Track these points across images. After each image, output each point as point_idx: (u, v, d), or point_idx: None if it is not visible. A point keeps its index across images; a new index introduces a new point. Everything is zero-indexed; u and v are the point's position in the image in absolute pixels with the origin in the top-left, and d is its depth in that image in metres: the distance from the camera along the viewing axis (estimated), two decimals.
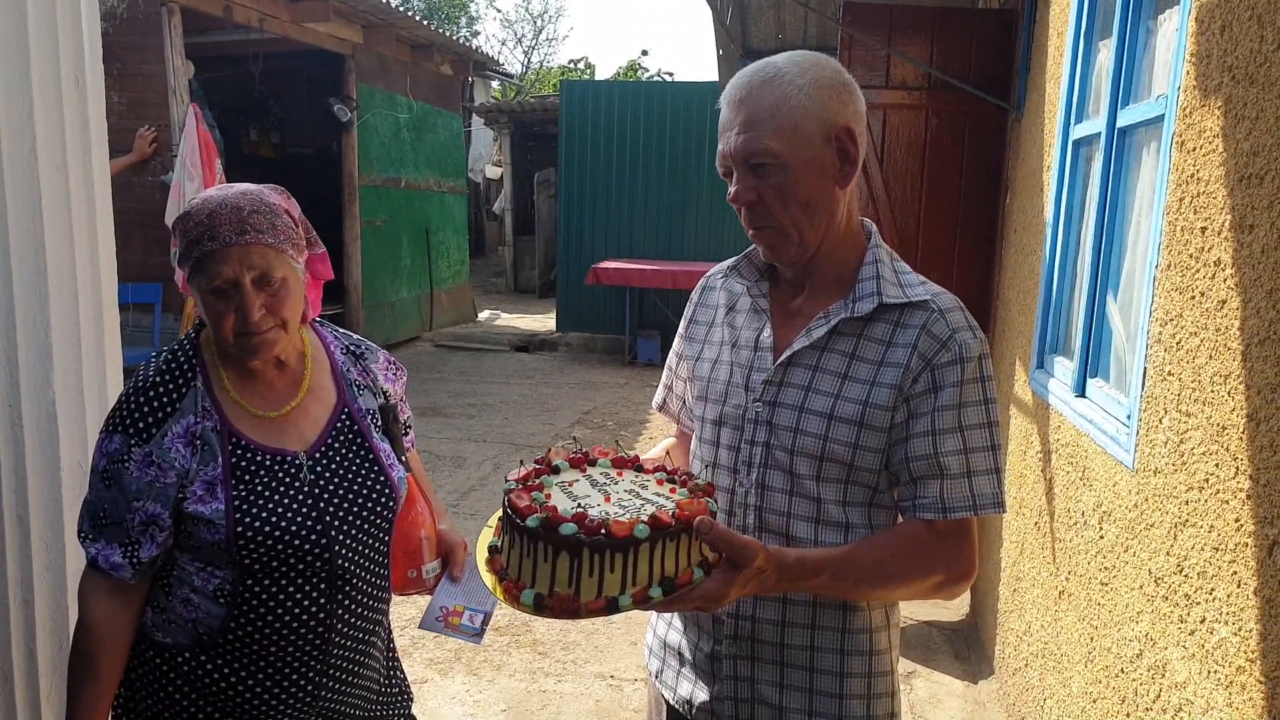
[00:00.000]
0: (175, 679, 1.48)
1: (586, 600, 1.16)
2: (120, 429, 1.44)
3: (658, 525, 1.17)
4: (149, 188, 6.39)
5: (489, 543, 1.34)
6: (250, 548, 1.43)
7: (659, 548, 1.17)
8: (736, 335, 1.47)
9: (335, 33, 8.49)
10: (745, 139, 1.30)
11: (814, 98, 1.30)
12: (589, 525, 1.18)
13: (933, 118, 4.00)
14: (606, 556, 1.15)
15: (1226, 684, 1.48)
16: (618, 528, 1.16)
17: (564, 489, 1.31)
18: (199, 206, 1.43)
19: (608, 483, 1.34)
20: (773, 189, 1.31)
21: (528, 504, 1.24)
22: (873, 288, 1.35)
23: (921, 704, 3.34)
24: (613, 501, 1.27)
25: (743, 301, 1.49)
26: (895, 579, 1.31)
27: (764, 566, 1.19)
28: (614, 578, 1.16)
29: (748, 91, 1.32)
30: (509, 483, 1.31)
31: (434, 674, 3.49)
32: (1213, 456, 1.59)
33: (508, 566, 1.24)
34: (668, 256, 10.22)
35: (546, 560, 1.18)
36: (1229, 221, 1.60)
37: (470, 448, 6.52)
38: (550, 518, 1.19)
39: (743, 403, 1.41)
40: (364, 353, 1.69)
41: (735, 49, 6.58)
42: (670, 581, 1.18)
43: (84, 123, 1.93)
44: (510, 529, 1.24)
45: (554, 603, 1.17)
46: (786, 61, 1.33)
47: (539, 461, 1.39)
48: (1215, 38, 1.71)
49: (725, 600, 1.19)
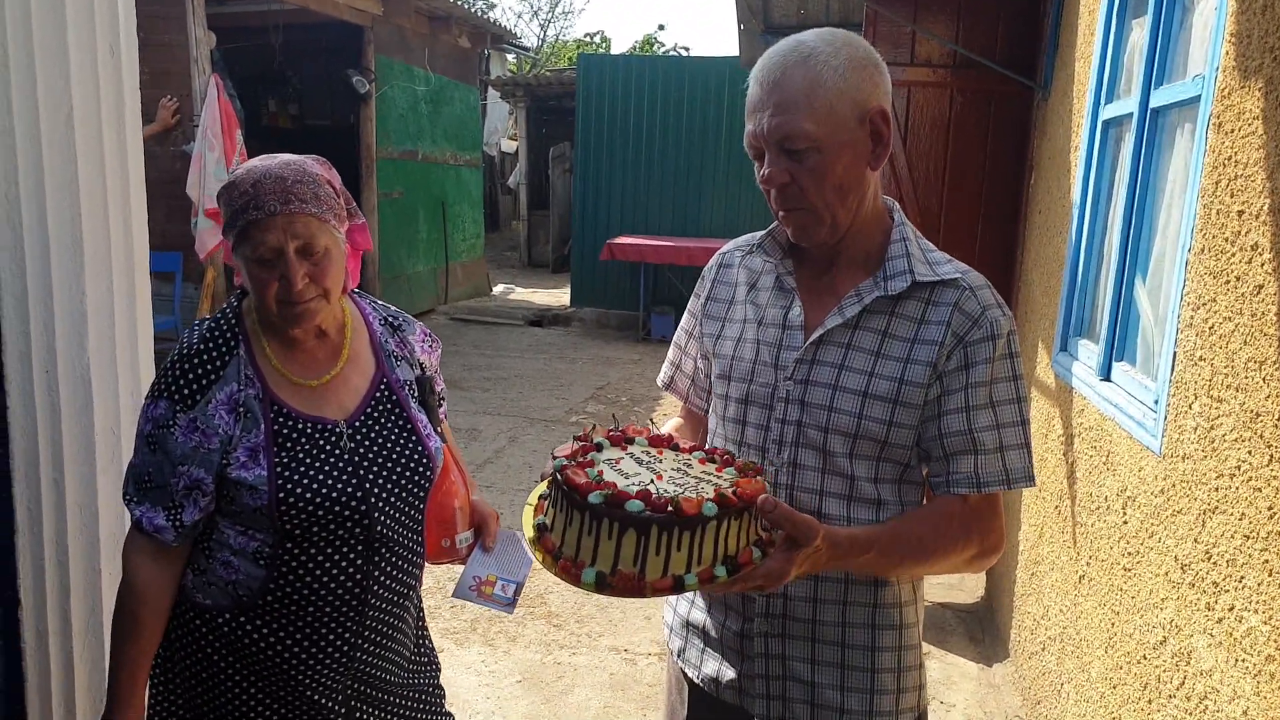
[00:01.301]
0: (214, 640, 1.51)
1: (652, 579, 1.14)
2: (166, 395, 1.46)
3: (725, 503, 1.15)
4: (170, 157, 6.41)
5: (535, 521, 1.30)
6: (292, 513, 1.46)
7: (724, 526, 1.15)
8: (761, 313, 1.46)
9: (354, 4, 8.45)
10: (780, 121, 1.29)
11: (848, 79, 1.29)
12: (656, 502, 1.15)
13: (957, 96, 3.96)
14: (675, 534, 1.13)
15: (1255, 672, 1.48)
16: (687, 505, 1.14)
17: (612, 466, 1.28)
18: (243, 176, 1.44)
19: (652, 461, 1.32)
20: (807, 172, 1.30)
21: (586, 480, 1.20)
22: (904, 265, 1.36)
23: (935, 685, 3.36)
24: (665, 480, 1.25)
25: (765, 279, 1.48)
26: (935, 554, 1.33)
27: (821, 545, 1.20)
28: (680, 556, 1.14)
29: (782, 72, 1.30)
30: (557, 460, 1.27)
31: (450, 644, 3.53)
32: (1245, 443, 1.58)
33: (562, 545, 1.20)
34: (683, 233, 10.20)
35: (610, 538, 1.14)
36: (1268, 205, 1.58)
37: (485, 420, 6.55)
38: (615, 494, 1.16)
39: (772, 381, 1.41)
40: (401, 324, 1.70)
41: (756, 24, 6.51)
42: (734, 560, 1.17)
43: (119, 92, 1.93)
44: (567, 506, 1.20)
45: (618, 581, 1.15)
46: (819, 40, 1.31)
47: (580, 438, 1.35)
48: (1256, 17, 1.68)
49: (786, 579, 1.19)
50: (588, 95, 10.37)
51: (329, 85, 10.27)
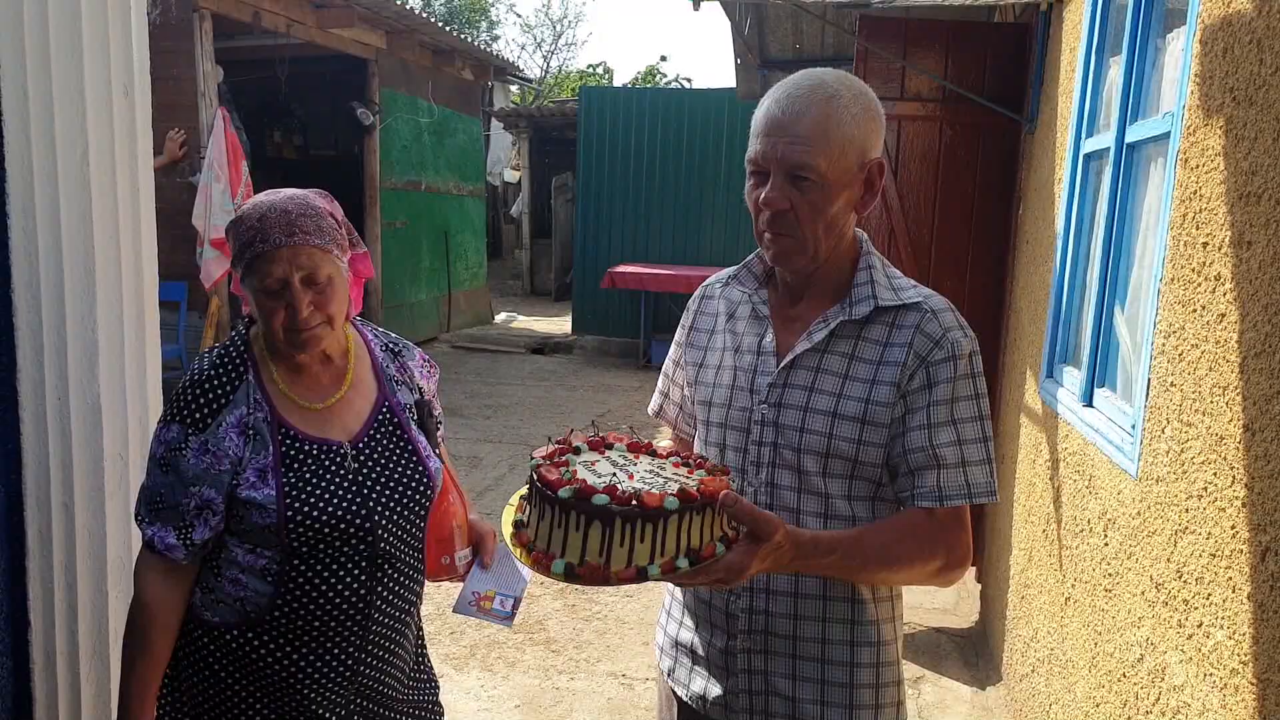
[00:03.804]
0: (221, 656, 1.57)
1: (617, 569, 1.21)
2: (178, 419, 1.53)
3: (686, 498, 1.22)
4: (177, 188, 6.52)
5: (514, 519, 1.38)
6: (299, 531, 1.52)
7: (686, 520, 1.22)
8: (739, 341, 1.54)
9: (359, 38, 8.62)
10: (798, 151, 1.35)
11: (860, 126, 1.38)
12: (620, 496, 1.22)
13: (947, 129, 4.05)
14: (638, 526, 1.20)
15: (1221, 686, 1.53)
16: (649, 499, 1.21)
17: (587, 467, 1.36)
18: (249, 211, 1.52)
19: (627, 463, 1.39)
20: (808, 203, 1.38)
21: (558, 477, 1.28)
22: (868, 291, 1.44)
23: (929, 709, 3.39)
24: (636, 479, 1.32)
25: (742, 309, 1.56)
26: (899, 562, 1.39)
27: (782, 542, 1.25)
28: (643, 548, 1.20)
29: (807, 106, 1.36)
30: (534, 460, 1.35)
31: (449, 669, 3.56)
32: (1211, 465, 1.64)
33: (535, 539, 1.28)
34: (683, 261, 10.31)
35: (578, 530, 1.22)
36: (1229, 237, 1.65)
37: (486, 448, 6.60)
38: (583, 489, 1.23)
39: (748, 405, 1.48)
40: (401, 350, 1.78)
41: (753, 59, 6.65)
42: (696, 554, 1.23)
43: (132, 131, 2.02)
44: (540, 502, 1.28)
45: (585, 571, 1.22)
46: (839, 84, 1.39)
47: (559, 442, 1.43)
48: (1218, 59, 1.77)
49: (746, 573, 1.24)
50: (589, 126, 10.53)
51: (334, 117, 10.42)
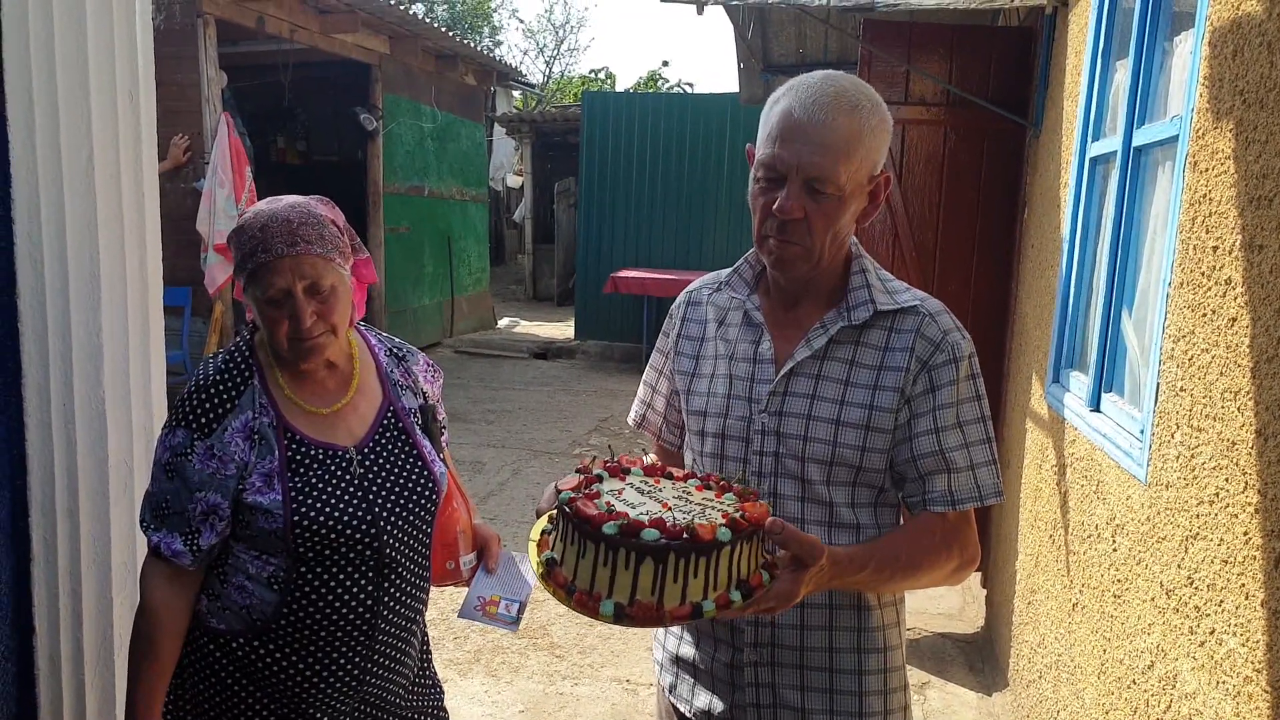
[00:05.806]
0: (227, 664, 1.56)
1: (671, 607, 1.13)
2: (184, 424, 1.52)
3: (736, 528, 1.16)
4: (181, 194, 6.53)
5: (543, 556, 1.28)
6: (305, 536, 1.51)
7: (736, 550, 1.16)
8: (732, 348, 1.50)
9: (362, 43, 8.63)
10: (820, 162, 1.32)
11: (876, 139, 1.37)
12: (671, 530, 1.14)
13: (951, 133, 4.04)
14: (692, 561, 1.13)
15: (1234, 693, 1.52)
16: (703, 531, 1.14)
17: (616, 497, 1.27)
18: (251, 221, 1.51)
19: (653, 490, 1.31)
20: (821, 213, 1.35)
21: (598, 513, 1.19)
22: (864, 296, 1.43)
23: (935, 715, 3.37)
24: (671, 508, 1.24)
25: (733, 315, 1.52)
26: (922, 568, 1.40)
27: (825, 564, 1.23)
28: (697, 583, 1.14)
29: (833, 115, 1.32)
30: (564, 493, 1.26)
31: (453, 674, 3.55)
32: (1223, 471, 1.63)
33: (575, 579, 1.18)
34: (686, 266, 10.29)
35: (627, 568, 1.14)
36: (1239, 241, 1.64)
37: (489, 453, 6.59)
38: (629, 524, 1.15)
39: (747, 414, 1.45)
40: (405, 355, 1.77)
41: (756, 63, 6.65)
42: (746, 584, 1.18)
43: (136, 136, 2.02)
44: (579, 539, 1.19)
45: (636, 611, 1.14)
46: (858, 93, 1.36)
47: (581, 470, 1.34)
48: (1228, 62, 1.76)
49: (796, 599, 1.21)
50: (591, 131, 10.53)
51: (337, 122, 10.45)
